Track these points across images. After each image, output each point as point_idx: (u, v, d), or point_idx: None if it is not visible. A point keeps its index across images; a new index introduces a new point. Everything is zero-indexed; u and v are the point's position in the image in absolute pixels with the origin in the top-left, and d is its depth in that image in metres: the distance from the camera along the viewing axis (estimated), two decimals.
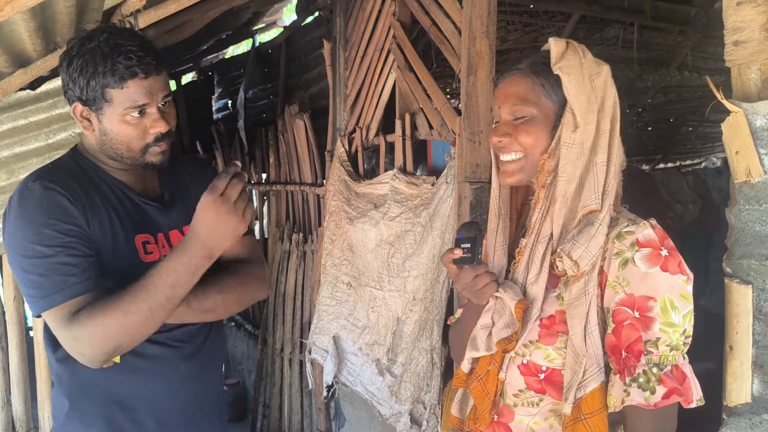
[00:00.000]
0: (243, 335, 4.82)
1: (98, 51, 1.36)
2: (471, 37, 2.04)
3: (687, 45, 4.60)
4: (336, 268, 2.93)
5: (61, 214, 1.37)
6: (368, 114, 2.81)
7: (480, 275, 1.31)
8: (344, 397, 3.14)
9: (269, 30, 5.25)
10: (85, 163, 1.50)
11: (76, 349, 1.35)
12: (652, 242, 1.19)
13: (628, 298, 1.18)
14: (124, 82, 1.36)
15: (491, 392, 1.34)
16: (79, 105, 1.42)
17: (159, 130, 1.43)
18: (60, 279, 1.33)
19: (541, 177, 1.29)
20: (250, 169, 4.51)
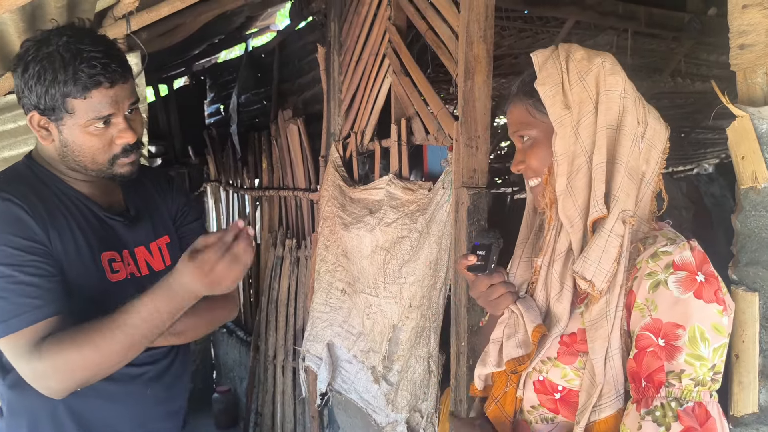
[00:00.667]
0: (235, 342, 4.77)
1: (57, 57, 1.25)
2: (468, 42, 2.02)
3: (680, 51, 4.61)
4: (330, 275, 2.90)
5: (18, 229, 1.25)
6: (363, 119, 2.79)
7: (495, 285, 1.28)
8: (338, 405, 3.10)
9: (262, 34, 5.23)
10: (42, 173, 1.38)
11: (39, 381, 1.23)
12: (688, 265, 1.09)
13: (654, 324, 1.08)
14: (88, 92, 1.26)
15: (510, 413, 1.30)
16: (36, 114, 1.30)
17: (126, 140, 1.34)
18: (20, 302, 1.21)
19: (547, 193, 1.26)
20: (243, 174, 4.48)
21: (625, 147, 1.17)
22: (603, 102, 1.18)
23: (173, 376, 1.53)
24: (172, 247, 1.55)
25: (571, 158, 1.19)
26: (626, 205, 1.15)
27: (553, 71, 1.21)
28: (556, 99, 1.19)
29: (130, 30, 2.28)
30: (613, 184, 1.16)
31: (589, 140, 1.18)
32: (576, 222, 1.19)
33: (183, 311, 1.27)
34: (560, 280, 1.22)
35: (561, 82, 1.20)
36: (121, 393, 1.42)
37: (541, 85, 1.21)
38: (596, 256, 1.13)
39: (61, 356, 1.20)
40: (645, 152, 1.20)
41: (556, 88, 1.20)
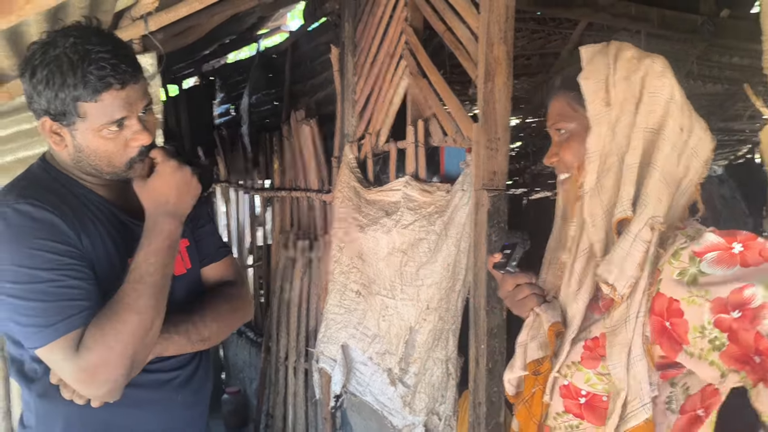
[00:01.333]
0: (245, 343, 4.77)
1: (65, 59, 1.21)
2: (489, 43, 2.01)
3: (693, 53, 4.59)
4: (344, 276, 2.89)
5: (54, 234, 1.23)
6: (378, 120, 2.78)
7: (521, 286, 1.27)
8: (352, 407, 3.09)
9: (273, 35, 5.22)
10: (61, 178, 1.35)
11: (91, 380, 1.21)
12: (715, 246, 1.05)
13: (717, 305, 1.01)
14: (99, 94, 1.22)
15: (537, 416, 1.28)
16: (48, 120, 1.27)
17: (142, 142, 1.31)
18: (67, 305, 1.20)
19: (575, 189, 1.25)
20: (254, 174, 4.48)
21: (663, 152, 1.14)
22: (646, 103, 1.16)
23: (200, 380, 1.53)
24: (191, 251, 1.54)
25: (604, 157, 1.18)
26: (657, 211, 1.12)
27: (600, 66, 1.20)
28: (597, 95, 1.18)
29: (148, 30, 2.27)
30: (644, 188, 1.14)
31: (624, 140, 1.17)
32: (598, 221, 1.17)
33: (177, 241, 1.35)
34: (579, 279, 1.21)
35: (606, 78, 1.19)
36: (151, 400, 1.41)
37: (584, 79, 1.20)
38: (619, 260, 1.11)
39: (105, 339, 1.20)
40: (686, 160, 1.17)
41: (600, 83, 1.19)
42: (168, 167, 1.34)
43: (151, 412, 1.42)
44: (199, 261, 1.57)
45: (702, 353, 1.04)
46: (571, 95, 1.25)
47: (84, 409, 1.29)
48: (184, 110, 5.52)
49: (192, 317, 1.43)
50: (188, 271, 1.51)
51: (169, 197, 1.34)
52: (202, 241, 1.59)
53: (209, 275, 1.59)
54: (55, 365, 1.24)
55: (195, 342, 1.42)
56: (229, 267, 1.62)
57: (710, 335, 1.02)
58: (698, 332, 1.04)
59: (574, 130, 1.26)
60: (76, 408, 1.29)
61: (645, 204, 1.13)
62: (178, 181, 1.34)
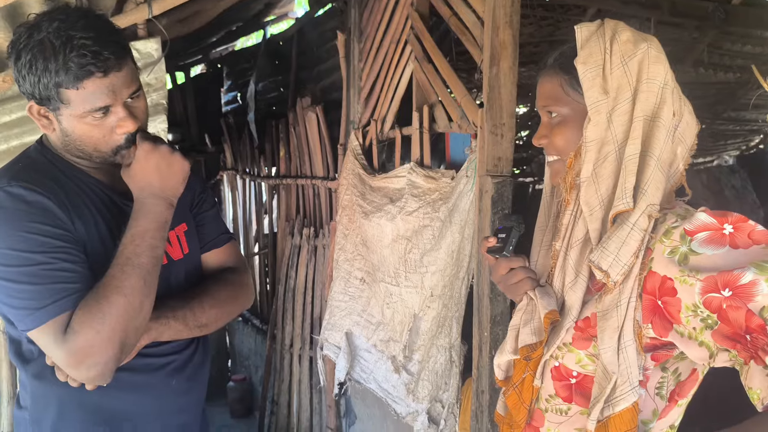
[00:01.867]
0: (250, 330, 4.78)
1: (48, 44, 1.19)
2: (494, 27, 1.98)
3: (703, 41, 4.53)
4: (349, 264, 2.88)
5: (46, 218, 1.22)
6: (384, 106, 2.76)
7: (515, 270, 1.26)
8: (356, 395, 3.09)
9: (280, 22, 5.21)
10: (57, 161, 1.34)
11: (79, 362, 1.19)
12: (706, 226, 1.05)
13: (708, 283, 1.00)
14: (80, 82, 1.20)
15: (527, 401, 1.28)
16: (34, 104, 1.26)
17: (127, 129, 1.29)
18: (58, 287, 1.19)
19: (568, 177, 1.23)
20: (260, 162, 4.47)
21: (659, 139, 1.13)
22: (643, 91, 1.14)
23: (195, 366, 1.51)
24: (190, 235, 1.52)
25: (600, 145, 1.16)
26: (654, 199, 1.11)
27: (595, 50, 1.15)
28: (595, 82, 1.15)
29: (152, 15, 2.26)
30: (642, 177, 1.12)
31: (621, 129, 1.14)
32: (596, 211, 1.16)
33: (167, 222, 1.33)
34: (575, 269, 1.20)
35: (602, 63, 1.15)
36: (145, 384, 1.40)
37: (582, 64, 1.16)
38: (615, 248, 1.10)
39: (93, 321, 1.19)
40: (674, 145, 1.16)
41: (597, 69, 1.15)
42: (143, 150, 1.31)
43: (145, 396, 1.41)
44: (199, 246, 1.56)
45: (693, 333, 1.04)
46: (565, 78, 1.21)
47: (78, 391, 1.29)
48: (191, 97, 5.51)
49: (190, 303, 1.42)
50: (185, 256, 1.50)
51: (151, 180, 1.31)
52: (203, 226, 1.58)
53: (210, 261, 1.58)
54: (46, 348, 1.23)
55: (192, 328, 1.41)
56: (230, 253, 1.61)
57: (702, 314, 1.02)
58: (690, 311, 1.03)
59: (567, 115, 1.22)
60: (70, 390, 1.29)
61: (644, 193, 1.11)
62: (157, 162, 1.32)
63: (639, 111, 1.13)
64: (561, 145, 1.23)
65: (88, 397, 1.31)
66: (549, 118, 1.26)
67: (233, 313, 1.54)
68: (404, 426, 2.55)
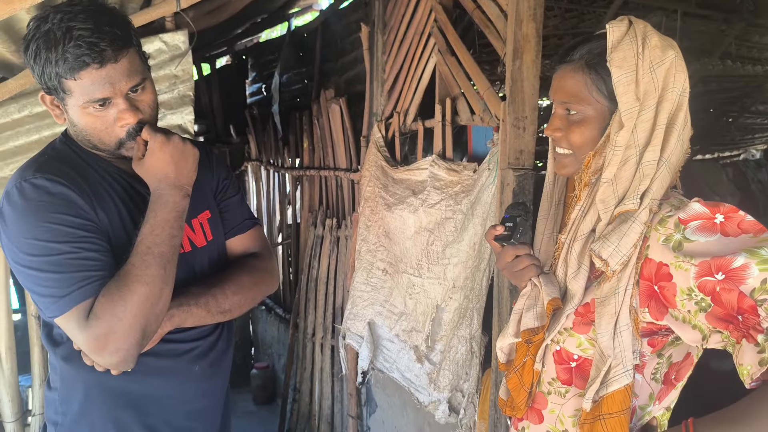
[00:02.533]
0: (273, 319, 4.85)
1: (51, 35, 1.20)
2: (518, 20, 1.99)
3: (731, 33, 4.47)
4: (371, 254, 2.91)
5: (69, 209, 1.25)
6: (407, 99, 2.78)
7: (521, 257, 1.30)
8: (376, 384, 3.13)
9: (304, 14, 5.24)
10: (80, 151, 1.37)
11: (101, 348, 1.22)
12: (700, 215, 1.10)
13: (702, 268, 1.05)
14: (76, 73, 1.21)
15: (527, 384, 1.33)
16: (44, 93, 1.30)
17: (126, 122, 1.29)
18: (82, 275, 1.23)
19: (585, 174, 1.25)
20: (284, 153, 4.51)
21: (671, 144, 1.18)
22: (668, 99, 1.16)
23: (219, 352, 1.54)
24: (214, 222, 1.54)
25: (624, 152, 1.18)
26: (657, 195, 1.17)
27: (629, 54, 1.16)
28: (629, 87, 1.15)
29: (179, 8, 2.30)
30: (653, 181, 1.17)
31: (643, 135, 1.17)
32: (610, 209, 1.20)
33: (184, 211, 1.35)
34: (578, 260, 1.25)
35: (636, 69, 1.15)
36: (169, 369, 1.44)
37: (617, 68, 1.15)
38: (616, 239, 1.16)
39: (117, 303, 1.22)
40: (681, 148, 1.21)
41: (632, 75, 1.15)
42: (156, 143, 1.32)
43: (169, 381, 1.45)
44: (223, 233, 1.58)
45: (687, 316, 1.09)
46: (591, 77, 1.20)
47: (103, 374, 1.33)
48: (217, 89, 5.57)
49: (212, 289, 1.44)
50: (209, 243, 1.52)
51: (167, 171, 1.33)
52: (227, 212, 1.59)
53: (234, 247, 1.60)
54: (71, 334, 1.26)
55: (215, 314, 1.43)
56: (255, 239, 1.62)
57: (697, 297, 1.07)
58: (685, 295, 1.08)
59: (589, 115, 1.22)
60: (96, 373, 1.33)
61: (649, 192, 1.17)
62: (171, 153, 1.33)
63: (662, 119, 1.17)
64: (578, 143, 1.24)
65: (113, 381, 1.35)
66: (565, 113, 1.26)
67: (256, 298, 1.54)
68: (424, 414, 2.59)
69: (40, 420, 2.82)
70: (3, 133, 2.52)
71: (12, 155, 2.57)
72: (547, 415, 1.32)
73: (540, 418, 1.34)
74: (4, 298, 2.77)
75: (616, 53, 1.16)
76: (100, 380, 1.36)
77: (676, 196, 1.22)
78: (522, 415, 1.37)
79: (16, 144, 2.56)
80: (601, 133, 1.22)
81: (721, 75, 5.23)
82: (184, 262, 1.41)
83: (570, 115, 1.25)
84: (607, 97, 1.20)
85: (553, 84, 1.28)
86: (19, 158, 2.58)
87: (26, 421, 2.87)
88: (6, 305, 2.78)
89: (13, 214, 1.25)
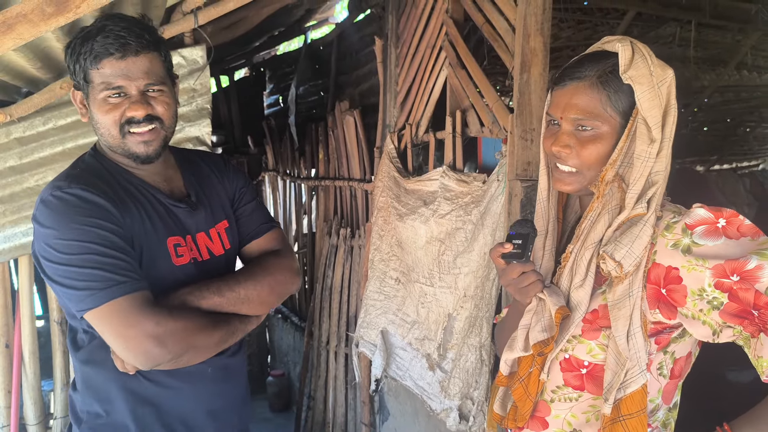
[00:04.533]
0: (289, 327, 4.90)
1: (88, 33, 1.34)
2: (525, 34, 2.03)
3: (747, 43, 4.48)
4: (384, 264, 2.96)
5: (104, 215, 1.34)
6: (418, 111, 2.83)
7: (527, 273, 1.31)
8: (389, 391, 3.17)
9: (321, 27, 5.31)
10: (107, 164, 1.46)
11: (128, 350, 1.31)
12: (704, 220, 1.17)
13: (717, 271, 1.13)
14: (99, 61, 1.32)
15: (533, 394, 1.35)
16: (74, 90, 1.42)
17: (132, 114, 1.36)
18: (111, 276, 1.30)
19: (600, 187, 1.27)
20: (300, 164, 4.58)
21: (668, 157, 1.24)
22: (671, 114, 1.22)
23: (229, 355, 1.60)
24: (231, 231, 1.60)
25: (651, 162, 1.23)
26: (659, 202, 1.24)
27: (644, 71, 1.20)
28: (654, 102, 1.20)
29: (197, 24, 2.37)
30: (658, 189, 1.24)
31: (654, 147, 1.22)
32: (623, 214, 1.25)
33: None
34: (586, 268, 1.27)
35: (653, 84, 1.19)
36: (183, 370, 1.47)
37: (639, 84, 1.19)
38: (629, 241, 1.20)
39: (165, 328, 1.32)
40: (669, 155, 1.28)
41: (653, 91, 1.19)
42: None
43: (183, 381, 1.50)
44: (239, 240, 1.64)
45: (697, 314, 1.15)
46: (605, 94, 1.22)
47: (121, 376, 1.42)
48: (235, 101, 5.66)
49: (224, 277, 1.49)
50: (226, 252, 1.59)
51: None
52: (244, 218, 1.65)
53: (252, 251, 1.65)
54: (100, 329, 1.33)
55: (232, 300, 1.46)
56: (271, 240, 1.67)
57: (709, 297, 1.14)
58: (696, 295, 1.15)
59: (603, 131, 1.24)
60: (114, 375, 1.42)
61: (654, 198, 1.23)
62: None
63: (668, 132, 1.22)
64: (590, 160, 1.25)
65: (131, 381, 1.43)
66: (574, 129, 1.26)
67: (273, 289, 1.56)
68: (435, 422, 2.61)
69: (62, 423, 2.90)
70: (28, 145, 2.61)
71: (37, 166, 2.66)
72: (552, 420, 1.35)
73: (544, 425, 1.36)
74: (28, 305, 2.86)
75: (633, 71, 1.19)
76: (120, 381, 1.43)
77: (668, 203, 1.29)
78: (523, 424, 1.39)
79: (41, 155, 2.65)
80: (612, 147, 1.24)
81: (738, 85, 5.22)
82: (202, 270, 1.48)
83: (581, 131, 1.25)
84: (620, 113, 1.22)
85: (559, 101, 1.28)
86: (43, 169, 2.67)
87: (48, 424, 2.95)
88: (30, 311, 2.87)
89: (51, 218, 1.32)
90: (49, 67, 2.30)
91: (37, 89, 2.43)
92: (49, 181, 1.40)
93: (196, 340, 1.34)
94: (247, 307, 1.49)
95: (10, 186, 2.65)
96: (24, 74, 2.31)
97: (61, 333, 2.90)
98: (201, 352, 1.38)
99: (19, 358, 2.85)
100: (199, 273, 1.44)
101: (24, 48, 1.88)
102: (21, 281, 2.86)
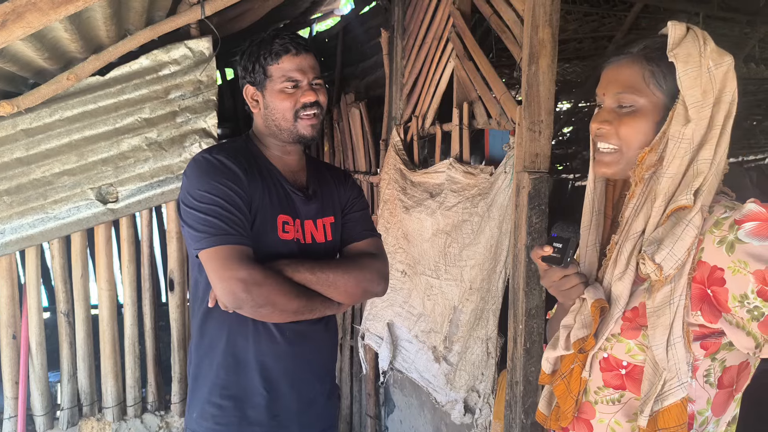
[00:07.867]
0: None
1: (264, 40, 1.66)
2: (534, 26, 2.02)
3: (755, 36, 4.44)
4: (390, 256, 2.95)
5: (233, 180, 1.59)
6: (425, 103, 2.82)
7: (569, 276, 1.28)
8: (395, 384, 3.17)
9: (326, 19, 5.29)
10: (253, 148, 1.74)
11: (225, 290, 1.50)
12: (755, 215, 1.07)
13: (758, 276, 1.04)
14: (279, 57, 1.63)
15: (574, 391, 1.31)
16: (249, 87, 1.69)
17: (309, 99, 1.66)
18: (229, 228, 1.54)
19: (638, 171, 1.23)
20: None
21: (722, 148, 1.17)
22: (725, 101, 1.16)
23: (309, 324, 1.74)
24: (335, 227, 1.82)
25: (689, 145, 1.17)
26: (707, 201, 1.15)
27: (693, 51, 1.15)
28: (696, 82, 1.14)
29: (204, 15, 2.36)
30: (706, 179, 1.16)
31: (699, 132, 1.16)
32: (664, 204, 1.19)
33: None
34: (627, 260, 1.22)
35: (700, 65, 1.15)
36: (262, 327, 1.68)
37: (682, 63, 1.15)
38: (670, 242, 1.13)
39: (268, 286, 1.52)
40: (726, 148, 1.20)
41: (698, 70, 1.15)
42: None
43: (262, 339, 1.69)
44: (341, 239, 1.84)
45: (741, 322, 1.08)
46: (648, 69, 1.19)
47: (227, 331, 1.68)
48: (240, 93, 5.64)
49: (320, 260, 1.69)
50: (327, 242, 1.78)
51: None
52: (350, 223, 1.86)
53: (352, 250, 1.84)
54: (207, 267, 1.55)
55: (321, 280, 1.63)
56: (370, 244, 1.85)
57: (750, 305, 1.05)
58: (737, 301, 1.07)
59: (643, 107, 1.21)
60: (221, 327, 1.68)
61: (701, 194, 1.15)
62: None
63: (719, 119, 1.16)
64: (628, 136, 1.22)
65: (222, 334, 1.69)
66: (615, 106, 1.24)
67: (360, 283, 1.70)
68: (441, 414, 2.62)
69: (68, 414, 2.91)
70: (35, 136, 2.61)
71: (44, 158, 2.67)
72: (596, 425, 1.30)
73: (589, 428, 1.31)
74: (35, 296, 2.87)
75: (680, 49, 1.16)
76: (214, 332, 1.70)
77: (725, 199, 1.20)
78: (567, 424, 1.35)
79: (47, 147, 2.65)
80: (653, 128, 1.20)
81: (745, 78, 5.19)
82: (303, 251, 1.70)
83: (622, 108, 1.23)
84: (665, 91, 1.19)
85: (604, 78, 1.27)
86: (50, 161, 2.67)
87: (55, 415, 2.96)
88: (37, 303, 2.88)
89: (195, 173, 1.61)
90: (56, 57, 2.30)
91: (44, 80, 2.43)
92: None
93: (276, 299, 1.53)
94: (332, 291, 1.65)
95: (17, 177, 2.66)
96: (31, 65, 2.31)
97: (67, 324, 2.91)
98: (278, 311, 1.55)
99: (26, 350, 2.86)
100: (300, 252, 1.67)
101: (32, 38, 1.88)
102: (28, 273, 2.86)
